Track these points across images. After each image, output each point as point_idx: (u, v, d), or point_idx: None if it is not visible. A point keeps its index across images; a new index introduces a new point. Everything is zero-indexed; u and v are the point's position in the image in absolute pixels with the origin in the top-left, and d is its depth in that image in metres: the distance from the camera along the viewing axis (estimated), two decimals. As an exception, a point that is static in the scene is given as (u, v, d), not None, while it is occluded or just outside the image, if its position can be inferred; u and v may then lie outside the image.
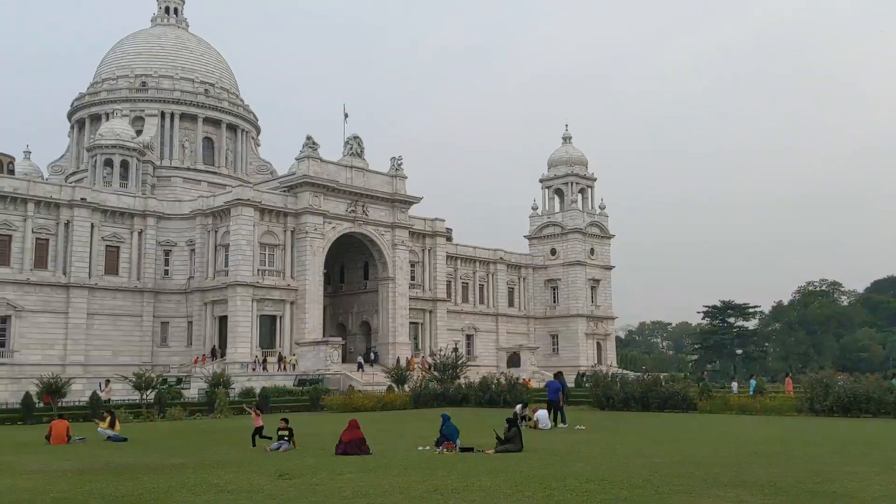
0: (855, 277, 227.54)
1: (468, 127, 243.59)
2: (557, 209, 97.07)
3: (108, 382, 46.01)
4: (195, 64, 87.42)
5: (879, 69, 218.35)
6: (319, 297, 68.82)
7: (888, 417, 30.36)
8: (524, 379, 57.39)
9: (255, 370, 59.01)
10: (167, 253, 68.85)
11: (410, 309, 75.69)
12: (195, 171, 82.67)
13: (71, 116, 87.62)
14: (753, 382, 48.66)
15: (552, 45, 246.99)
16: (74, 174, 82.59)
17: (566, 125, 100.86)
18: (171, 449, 21.72)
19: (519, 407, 28.10)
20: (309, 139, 68.93)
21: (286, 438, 21.20)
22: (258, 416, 23.71)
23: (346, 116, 74.70)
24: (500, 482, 14.21)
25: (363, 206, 71.89)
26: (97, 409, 34.03)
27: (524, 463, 17.08)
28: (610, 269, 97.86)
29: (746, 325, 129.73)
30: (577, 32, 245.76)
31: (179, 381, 54.32)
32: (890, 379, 39.29)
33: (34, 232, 61.71)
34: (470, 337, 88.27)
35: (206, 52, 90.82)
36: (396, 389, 48.36)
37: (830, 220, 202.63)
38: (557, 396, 28.67)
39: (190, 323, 67.88)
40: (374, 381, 56.91)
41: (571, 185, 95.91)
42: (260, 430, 22.90)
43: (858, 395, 31.53)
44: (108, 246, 65.63)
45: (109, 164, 74.44)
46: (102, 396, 41.07)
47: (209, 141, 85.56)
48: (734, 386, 53.07)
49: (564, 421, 28.27)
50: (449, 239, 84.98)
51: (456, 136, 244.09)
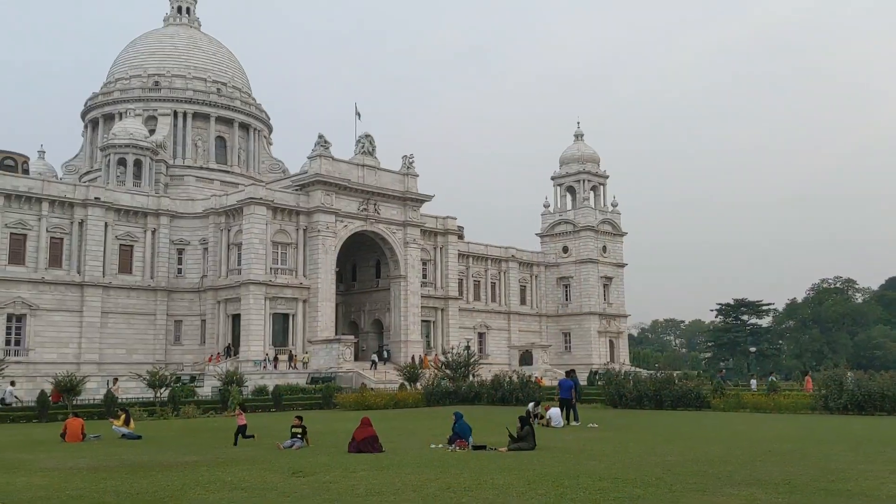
0: (869, 275, 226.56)
1: (478, 126, 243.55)
2: (569, 207, 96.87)
3: (115, 380, 46.31)
4: (207, 63, 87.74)
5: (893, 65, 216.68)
6: (332, 295, 68.97)
7: (903, 415, 30.17)
8: (536, 377, 57.32)
9: (265, 368, 59.19)
10: (180, 252, 69.18)
11: (422, 307, 75.75)
12: (208, 170, 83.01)
13: (84, 116, 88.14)
14: (763, 380, 48.31)
15: (560, 44, 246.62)
16: (88, 173, 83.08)
17: (578, 122, 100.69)
18: (184, 447, 21.82)
19: (531, 405, 28.10)
20: (321, 138, 69.06)
21: (299, 436, 21.25)
22: (241, 414, 23.61)
23: (357, 115, 74.75)
24: (512, 480, 14.21)
25: (375, 204, 71.98)
26: (112, 407, 34.24)
27: (537, 461, 17.07)
28: (622, 266, 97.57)
29: (760, 322, 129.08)
30: (584, 32, 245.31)
31: (193, 379, 54.53)
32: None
33: (49, 231, 62.13)
34: (482, 335, 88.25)
35: (218, 51, 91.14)
36: (409, 387, 48.45)
37: (845, 217, 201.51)
38: (570, 394, 28.65)
39: (203, 321, 68.19)
40: (386, 378, 56.98)
41: (583, 182, 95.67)
42: (243, 428, 22.81)
43: (873, 392, 31.34)
44: (121, 245, 66.03)
45: (123, 163, 74.84)
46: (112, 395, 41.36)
47: (222, 140, 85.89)
48: (753, 384, 52.65)
49: (577, 419, 28.25)
50: (460, 237, 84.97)
51: (466, 135, 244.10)
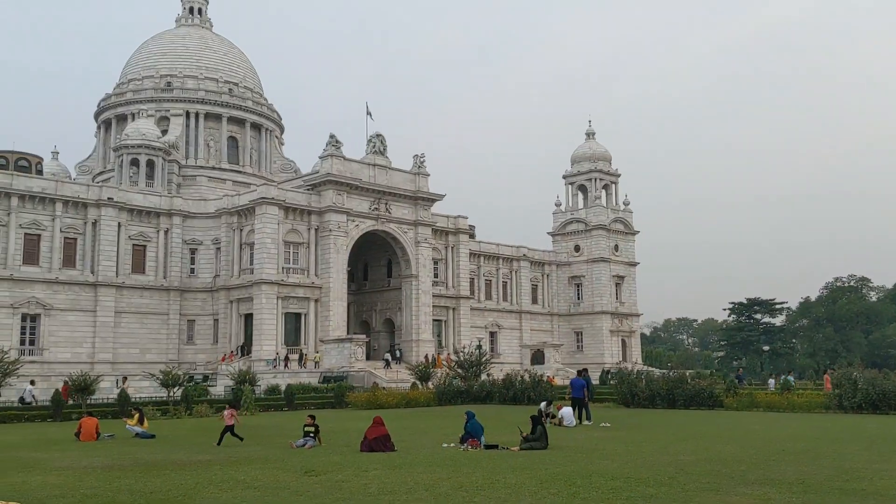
0: (884, 273, 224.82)
1: (489, 126, 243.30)
2: (581, 206, 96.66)
3: (125, 380, 46.62)
4: (219, 63, 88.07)
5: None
6: (343, 294, 69.11)
7: (919, 415, 29.95)
8: (548, 376, 57.24)
9: (275, 367, 59.30)
10: (193, 251, 69.48)
11: (434, 306, 75.77)
12: (220, 170, 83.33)
13: (97, 117, 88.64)
14: (791, 379, 48.03)
15: (569, 44, 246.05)
16: (101, 174, 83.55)
17: (589, 121, 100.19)
18: (197, 446, 21.90)
19: (543, 404, 28.05)
20: (332, 137, 69.18)
21: (312, 435, 21.29)
22: (231, 415, 23.12)
23: (369, 115, 74.84)
24: (525, 479, 14.19)
25: (386, 203, 72.06)
26: (125, 406, 34.42)
27: (549, 460, 17.04)
28: (634, 265, 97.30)
29: (773, 321, 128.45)
30: (592, 31, 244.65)
31: (206, 378, 54.79)
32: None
33: (62, 231, 62.52)
34: (493, 334, 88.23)
35: (229, 51, 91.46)
36: (420, 387, 48.49)
37: (859, 215, 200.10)
38: (582, 394, 28.59)
39: (216, 321, 68.46)
40: (398, 378, 57.05)
41: (595, 181, 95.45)
42: (230, 428, 22.46)
43: (888, 391, 31.12)
44: (134, 245, 66.38)
45: (136, 163, 75.22)
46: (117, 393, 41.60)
47: (233, 140, 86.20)
48: (771, 383, 52.29)
49: (590, 418, 28.20)
50: (472, 236, 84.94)
51: (476, 134, 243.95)
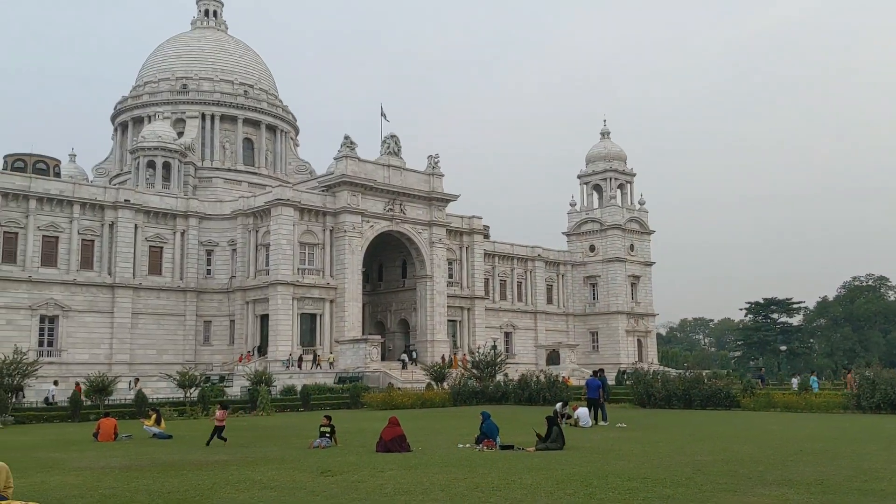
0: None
1: (502, 126, 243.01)
2: (596, 205, 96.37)
3: (136, 381, 46.91)
4: (234, 66, 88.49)
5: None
6: (358, 295, 69.25)
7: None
8: (564, 376, 57.07)
9: (287, 368, 59.40)
10: (209, 253, 69.84)
11: (448, 307, 75.78)
12: (235, 171, 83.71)
13: (114, 119, 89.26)
14: (814, 380, 47.61)
15: (585, 42, 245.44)
16: (118, 176, 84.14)
17: (604, 121, 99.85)
18: (214, 446, 21.99)
19: (559, 405, 27.97)
20: (347, 139, 69.33)
21: (328, 435, 21.36)
22: (221, 414, 23.05)
23: (383, 115, 74.91)
24: (541, 480, 14.16)
25: (401, 204, 72.14)
26: (143, 406, 34.65)
27: (565, 461, 17.00)
28: (650, 265, 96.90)
29: (790, 321, 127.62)
30: (603, 31, 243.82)
31: (222, 379, 55.11)
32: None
33: (80, 233, 63.01)
34: (508, 334, 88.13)
35: (244, 53, 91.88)
36: (436, 387, 48.50)
37: (877, 213, 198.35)
38: (598, 394, 28.52)
39: (232, 322, 68.78)
40: (413, 378, 57.09)
41: (610, 180, 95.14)
42: (220, 430, 22.46)
43: (907, 391, 30.83)
44: (151, 246, 66.79)
45: (152, 165, 75.69)
46: (132, 395, 41.93)
47: (249, 142, 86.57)
48: (794, 383, 51.82)
49: (605, 418, 28.12)
50: (486, 236, 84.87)
51: (490, 135, 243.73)
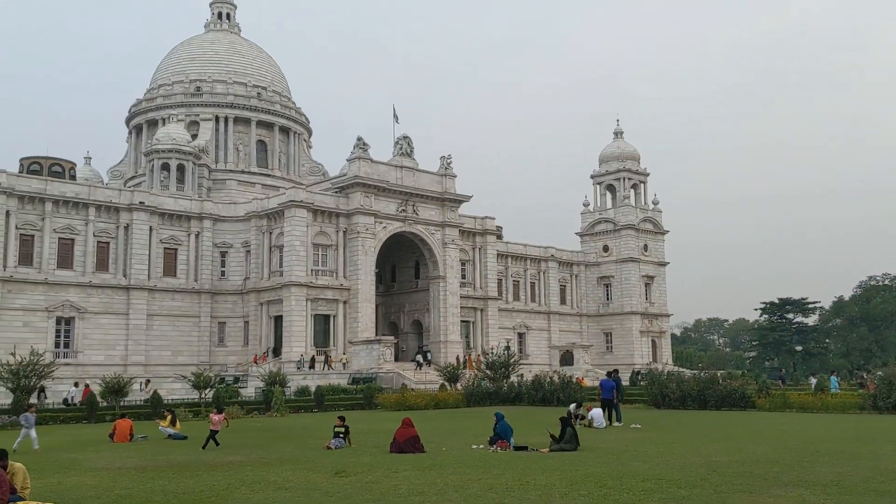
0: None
1: (515, 126, 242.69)
2: (609, 205, 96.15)
3: (148, 382, 47.20)
4: (248, 68, 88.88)
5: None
6: (371, 296, 69.37)
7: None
8: (577, 377, 56.96)
9: (298, 369, 59.44)
10: (223, 254, 70.15)
11: (462, 307, 75.78)
12: (249, 173, 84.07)
13: (129, 122, 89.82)
14: (834, 380, 47.49)
15: (596, 43, 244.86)
16: (133, 178, 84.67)
17: (617, 120, 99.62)
18: (229, 447, 22.09)
19: (573, 406, 27.91)
20: (359, 140, 69.46)
21: (342, 436, 21.41)
22: (220, 419, 22.93)
23: (395, 118, 75.14)
24: (555, 480, 14.14)
25: (413, 205, 72.23)
26: (158, 408, 34.85)
27: (580, 462, 16.97)
28: (664, 265, 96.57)
29: (806, 321, 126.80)
30: (620, 30, 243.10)
31: (237, 380, 55.34)
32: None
33: (95, 235, 63.43)
34: (522, 335, 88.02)
35: (258, 56, 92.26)
36: (449, 388, 48.49)
37: (894, 211, 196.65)
38: (612, 395, 28.44)
39: (246, 323, 69.05)
40: (426, 379, 57.09)
41: (623, 180, 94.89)
42: (215, 433, 22.34)
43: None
44: (165, 248, 67.15)
45: (166, 167, 76.10)
46: (143, 396, 42.23)
47: (262, 144, 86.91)
48: (812, 383, 51.45)
49: (620, 419, 28.04)
50: (499, 237, 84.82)
51: (503, 135, 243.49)
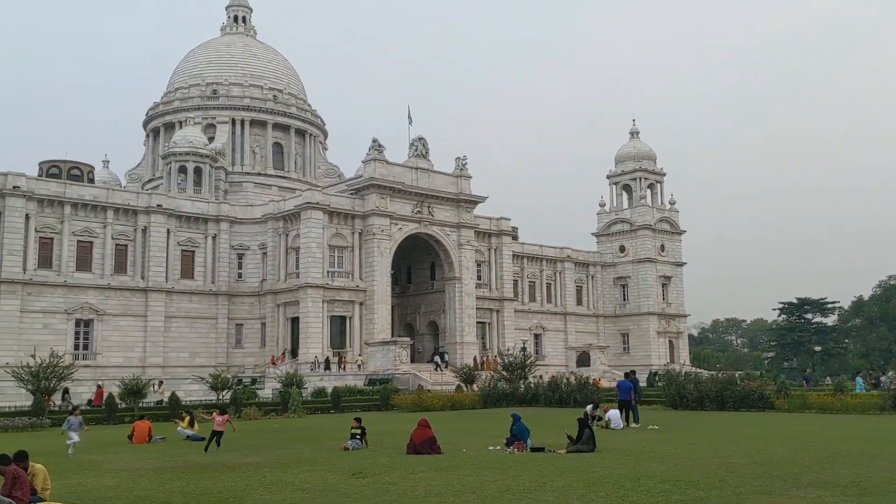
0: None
1: (530, 127, 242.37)
2: (626, 205, 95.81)
3: (160, 384, 47.44)
4: (263, 71, 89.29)
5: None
6: (387, 297, 69.47)
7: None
8: (594, 378, 56.85)
9: (312, 370, 59.50)
10: (240, 256, 70.48)
11: (477, 308, 75.73)
12: (265, 175, 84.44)
13: (146, 125, 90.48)
14: (860, 380, 47.10)
15: (610, 42, 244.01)
16: (150, 181, 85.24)
17: (633, 120, 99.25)
18: (247, 448, 22.20)
19: (590, 407, 27.82)
20: (375, 142, 69.61)
21: (358, 437, 21.46)
22: (224, 420, 22.59)
23: (409, 120, 75.30)
24: (573, 482, 14.11)
25: (429, 206, 72.28)
26: (176, 409, 35.07)
27: (597, 463, 16.92)
28: (681, 265, 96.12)
29: (825, 321, 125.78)
30: (634, 27, 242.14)
31: (254, 381, 55.54)
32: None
33: (114, 238, 63.89)
34: (538, 336, 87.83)
35: (273, 58, 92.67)
36: (465, 389, 48.51)
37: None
38: (629, 396, 28.33)
39: (263, 324, 69.33)
40: (442, 380, 57.15)
41: (640, 180, 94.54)
42: (219, 434, 21.97)
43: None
44: (183, 251, 67.54)
45: (183, 170, 76.55)
46: (156, 397, 42.47)
47: (278, 146, 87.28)
48: (859, 382, 50.91)
49: (637, 420, 27.93)
50: (515, 238, 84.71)
51: (518, 136, 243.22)
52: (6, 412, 35.19)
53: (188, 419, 27.25)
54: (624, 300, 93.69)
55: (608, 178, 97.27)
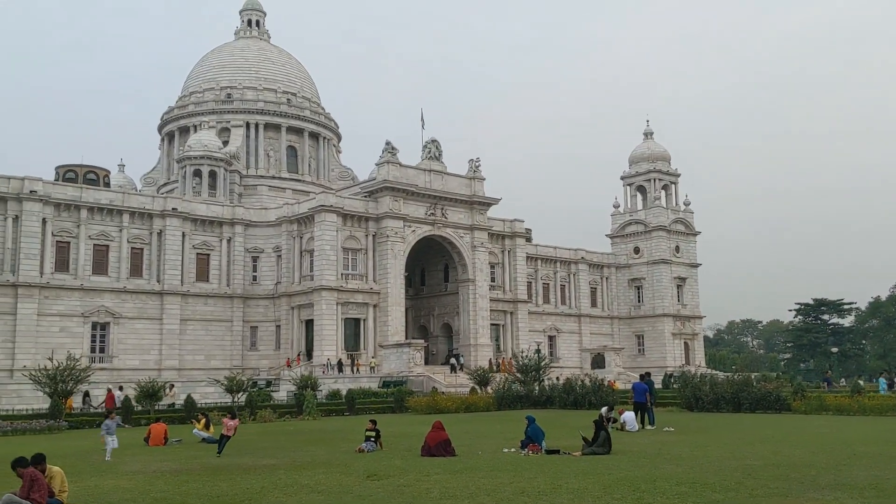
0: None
1: (543, 128, 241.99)
2: (640, 207, 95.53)
3: (172, 387, 47.62)
4: (277, 74, 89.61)
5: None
6: (401, 299, 69.53)
7: None
8: (609, 380, 56.67)
9: (324, 373, 59.55)
10: (255, 259, 70.77)
11: (491, 310, 75.67)
12: (280, 179, 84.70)
13: (161, 129, 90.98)
14: (883, 381, 46.75)
15: (623, 43, 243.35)
16: (166, 185, 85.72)
17: (647, 121, 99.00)
18: (262, 450, 22.27)
19: (605, 409, 27.69)
20: (388, 144, 69.75)
21: (373, 440, 21.48)
22: (233, 425, 22.65)
23: (422, 123, 75.41)
24: (588, 484, 14.07)
25: (442, 208, 72.32)
26: (192, 411, 35.21)
27: (612, 465, 16.87)
28: (696, 266, 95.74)
29: (842, 322, 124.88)
30: (648, 28, 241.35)
31: (269, 383, 55.69)
32: None
33: (129, 242, 64.31)
34: (552, 338, 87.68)
35: (287, 62, 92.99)
36: (479, 391, 48.45)
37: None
38: (644, 398, 28.24)
39: (278, 327, 69.55)
40: (456, 382, 57.11)
41: (654, 181, 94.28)
42: (227, 439, 22.08)
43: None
44: (198, 254, 67.89)
45: (198, 174, 76.95)
46: (167, 400, 42.60)
47: (292, 149, 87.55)
48: (883, 384, 50.48)
49: (653, 422, 27.83)
50: (528, 239, 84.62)
51: (531, 137, 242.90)
52: (24, 415, 35.53)
53: (204, 421, 27.34)
54: (639, 302, 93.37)
55: (622, 179, 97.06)
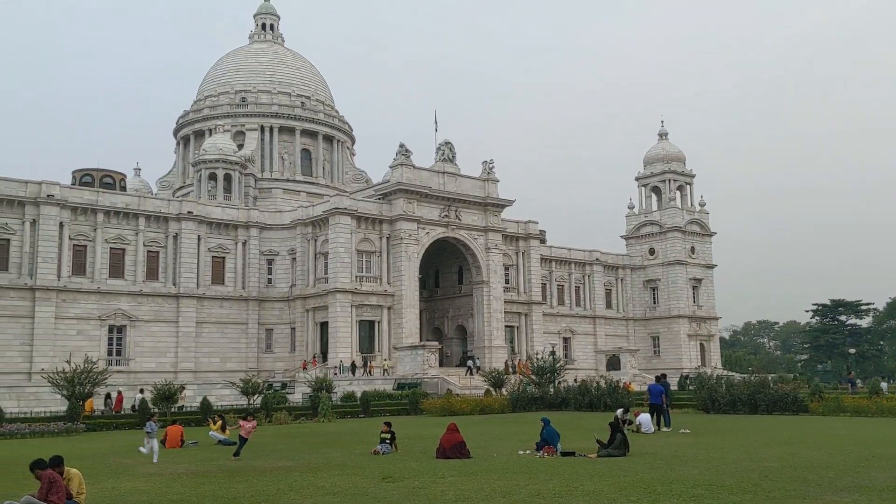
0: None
1: (557, 129, 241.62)
2: (655, 207, 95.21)
3: (182, 389, 47.77)
4: (291, 78, 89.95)
5: None
6: (415, 301, 69.59)
7: None
8: (625, 382, 56.42)
9: (336, 374, 59.52)
10: (270, 262, 71.03)
11: (505, 312, 75.58)
12: (294, 181, 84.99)
13: (176, 133, 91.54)
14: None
15: (642, 40, 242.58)
16: (181, 188, 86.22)
17: (661, 121, 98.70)
18: (278, 452, 22.34)
19: (620, 411, 27.60)
20: (402, 147, 69.86)
21: (388, 442, 21.50)
22: (249, 426, 22.43)
23: (436, 126, 75.48)
24: (603, 486, 14.03)
25: (456, 210, 72.32)
26: (208, 414, 35.36)
27: (628, 467, 16.81)
28: (712, 267, 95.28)
29: (859, 323, 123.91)
30: (660, 29, 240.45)
31: (284, 385, 55.87)
32: None
33: (145, 245, 64.73)
34: (567, 340, 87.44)
35: (301, 65, 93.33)
36: (494, 393, 48.40)
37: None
38: (660, 399, 28.12)
39: (293, 329, 69.77)
40: (471, 384, 57.08)
41: (669, 182, 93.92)
42: (244, 441, 21.85)
43: None
44: (214, 257, 68.23)
45: (213, 177, 77.32)
46: (178, 403, 42.69)
47: (307, 152, 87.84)
48: (884, 386, 50.14)
49: (669, 424, 27.71)
50: (542, 241, 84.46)
51: (545, 138, 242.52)
52: (42, 417, 35.76)
53: (220, 423, 27.46)
54: (654, 303, 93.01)
55: (637, 179, 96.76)
